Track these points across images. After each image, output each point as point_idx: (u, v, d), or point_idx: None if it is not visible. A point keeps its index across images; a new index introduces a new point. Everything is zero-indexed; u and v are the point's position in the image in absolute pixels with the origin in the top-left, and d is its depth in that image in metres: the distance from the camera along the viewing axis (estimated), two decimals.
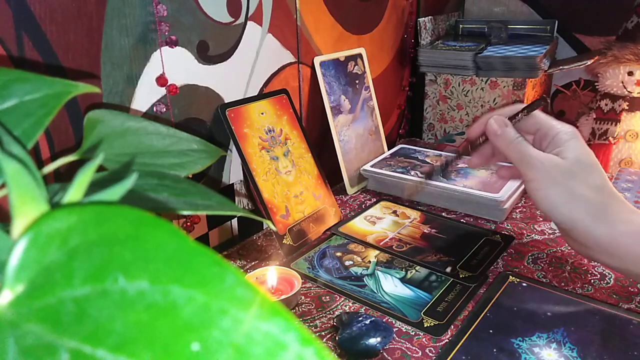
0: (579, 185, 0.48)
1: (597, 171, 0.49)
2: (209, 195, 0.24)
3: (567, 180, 0.48)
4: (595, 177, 0.48)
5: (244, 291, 0.14)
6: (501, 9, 1.19)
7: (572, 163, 0.48)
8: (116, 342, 0.13)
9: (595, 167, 0.49)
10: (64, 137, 0.49)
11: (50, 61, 0.47)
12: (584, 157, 0.49)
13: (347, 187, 0.82)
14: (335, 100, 0.81)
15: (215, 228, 0.68)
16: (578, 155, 0.49)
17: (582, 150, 0.49)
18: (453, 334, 0.50)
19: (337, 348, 0.48)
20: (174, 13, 0.56)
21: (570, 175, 0.48)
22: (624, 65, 0.95)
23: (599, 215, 0.47)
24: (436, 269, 0.60)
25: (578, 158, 0.49)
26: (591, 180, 0.48)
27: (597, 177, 0.48)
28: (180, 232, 0.15)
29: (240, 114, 0.65)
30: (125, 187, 0.18)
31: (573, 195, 0.47)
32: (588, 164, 0.49)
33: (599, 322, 0.50)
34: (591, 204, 0.47)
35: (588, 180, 0.48)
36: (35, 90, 0.23)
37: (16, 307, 0.14)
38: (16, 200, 0.16)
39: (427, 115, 1.09)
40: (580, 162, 0.48)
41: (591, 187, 0.47)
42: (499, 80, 0.98)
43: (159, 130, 0.31)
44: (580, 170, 0.48)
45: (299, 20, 0.75)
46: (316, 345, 0.13)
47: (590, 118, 1.03)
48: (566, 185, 0.48)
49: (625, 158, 0.97)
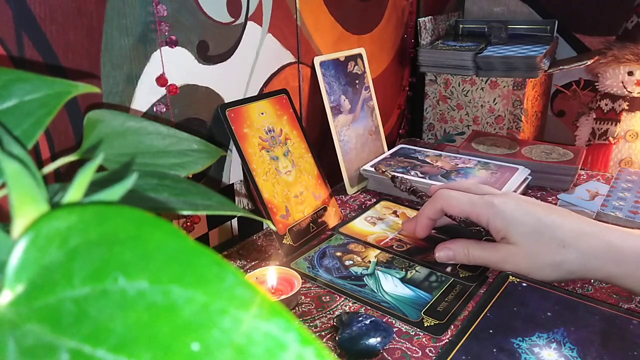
0: (546, 255, 0.51)
1: (548, 232, 0.52)
2: (209, 195, 0.24)
3: (534, 258, 0.52)
4: (552, 238, 0.51)
5: (244, 291, 0.14)
6: (501, 9, 1.19)
7: (526, 242, 0.52)
8: (116, 342, 0.13)
9: (544, 230, 0.52)
10: (64, 137, 0.49)
11: (50, 61, 0.47)
12: (528, 229, 0.52)
13: (347, 187, 0.82)
14: (335, 100, 0.81)
15: (215, 228, 0.68)
16: (523, 231, 0.52)
17: (523, 221, 0.53)
18: (453, 333, 0.50)
19: (337, 348, 0.48)
20: (174, 13, 0.56)
21: (533, 253, 0.52)
22: (624, 65, 0.95)
23: (584, 264, 0.50)
24: (437, 268, 0.60)
25: (526, 233, 0.52)
26: (551, 244, 0.51)
27: (555, 236, 0.51)
28: (180, 232, 0.15)
29: (240, 114, 0.65)
30: (125, 187, 0.18)
31: (550, 263, 0.51)
32: (536, 232, 0.52)
33: (599, 322, 0.50)
34: (569, 260, 0.51)
35: (550, 247, 0.51)
36: (35, 90, 0.23)
37: (16, 307, 0.14)
38: (16, 200, 0.16)
39: (427, 115, 1.09)
40: (530, 236, 0.52)
41: (557, 249, 0.51)
42: (499, 80, 0.98)
43: (159, 130, 0.31)
44: (536, 244, 0.52)
45: (299, 20, 0.75)
46: (316, 345, 0.13)
47: (590, 118, 1.03)
48: (537, 261, 0.52)
49: (625, 158, 0.97)
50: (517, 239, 0.52)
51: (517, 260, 0.53)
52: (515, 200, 0.55)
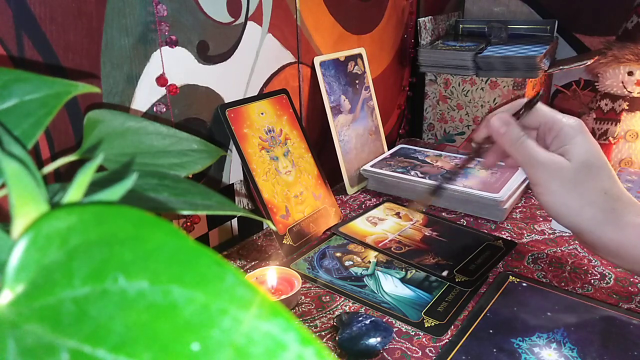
0: (586, 191, 0.46)
1: (604, 173, 0.47)
2: (209, 195, 0.24)
3: (573, 186, 0.46)
4: (602, 180, 0.46)
5: (244, 291, 0.14)
6: (501, 9, 1.19)
7: (579, 167, 0.47)
8: (116, 342, 0.13)
9: (603, 169, 0.47)
10: (64, 137, 0.49)
11: (50, 61, 0.47)
12: (591, 158, 0.47)
13: (347, 187, 0.82)
14: (335, 100, 0.81)
15: (215, 228, 0.68)
16: (585, 157, 0.47)
17: (589, 148, 0.47)
18: (453, 333, 0.50)
19: (337, 348, 0.48)
20: (174, 13, 0.56)
21: (577, 181, 0.46)
22: (624, 65, 0.95)
23: (606, 220, 0.46)
24: (432, 272, 0.60)
25: (585, 160, 0.47)
26: (599, 184, 0.46)
27: (604, 180, 0.46)
28: (180, 232, 0.15)
29: (240, 114, 0.65)
30: (125, 187, 0.18)
31: (580, 201, 0.46)
32: (595, 166, 0.47)
33: (599, 322, 0.50)
34: (598, 209, 0.46)
35: (595, 185, 0.46)
36: (35, 90, 0.23)
37: (16, 307, 0.14)
38: (16, 200, 0.16)
39: (427, 115, 1.09)
40: (587, 165, 0.47)
41: (598, 192, 0.46)
42: (499, 80, 0.98)
43: (159, 130, 0.31)
44: (587, 174, 0.46)
45: (299, 20, 0.75)
46: (316, 345, 0.13)
47: (590, 118, 1.03)
48: (572, 191, 0.46)
49: (625, 158, 0.97)
50: (577, 158, 0.47)
51: (560, 172, 0.47)
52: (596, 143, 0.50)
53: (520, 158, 0.49)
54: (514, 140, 0.49)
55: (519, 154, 0.49)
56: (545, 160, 0.47)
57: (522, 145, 0.48)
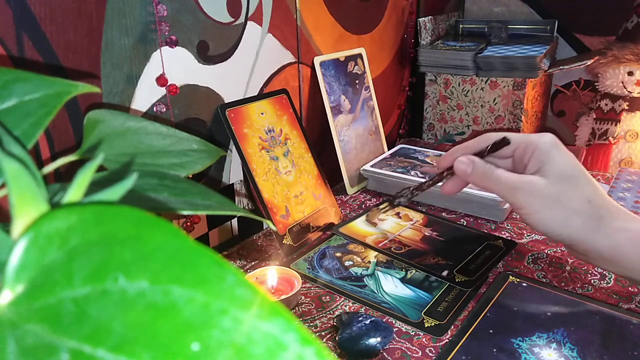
0: (570, 201, 0.46)
1: (583, 182, 0.47)
2: (209, 195, 0.24)
3: (555, 199, 0.46)
4: (584, 188, 0.47)
5: (244, 291, 0.14)
6: (501, 9, 1.19)
7: (557, 179, 0.47)
8: (116, 342, 0.13)
9: (581, 178, 0.47)
10: (64, 137, 0.49)
11: (50, 61, 0.47)
12: (568, 168, 0.47)
13: (347, 187, 0.82)
14: (335, 100, 0.81)
15: (215, 228, 0.68)
16: (562, 168, 0.47)
17: (565, 160, 0.48)
18: (453, 334, 0.50)
19: (337, 348, 0.48)
20: (174, 13, 0.56)
21: (558, 193, 0.46)
22: (624, 65, 0.95)
23: (595, 228, 0.46)
24: (432, 272, 0.60)
25: (563, 172, 0.47)
26: (581, 193, 0.46)
27: (586, 189, 0.47)
28: (180, 232, 0.15)
29: (240, 114, 0.65)
30: (125, 187, 0.18)
31: (566, 213, 0.46)
32: (574, 177, 0.47)
33: (599, 322, 0.50)
34: (586, 217, 0.46)
35: (578, 195, 0.46)
36: (35, 90, 0.23)
37: (16, 307, 0.14)
38: (16, 200, 0.16)
39: (427, 115, 1.09)
40: (566, 177, 0.47)
41: (582, 201, 0.46)
42: (499, 80, 0.98)
43: (159, 130, 0.31)
44: (567, 185, 0.47)
45: (299, 20, 0.75)
46: (316, 345, 0.13)
47: (590, 118, 1.03)
48: (556, 204, 0.46)
49: (625, 158, 0.97)
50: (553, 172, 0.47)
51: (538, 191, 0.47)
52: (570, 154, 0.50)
53: (495, 188, 0.49)
54: (482, 175, 0.50)
55: (492, 185, 0.49)
56: (518, 183, 0.48)
57: (491, 176, 0.49)
